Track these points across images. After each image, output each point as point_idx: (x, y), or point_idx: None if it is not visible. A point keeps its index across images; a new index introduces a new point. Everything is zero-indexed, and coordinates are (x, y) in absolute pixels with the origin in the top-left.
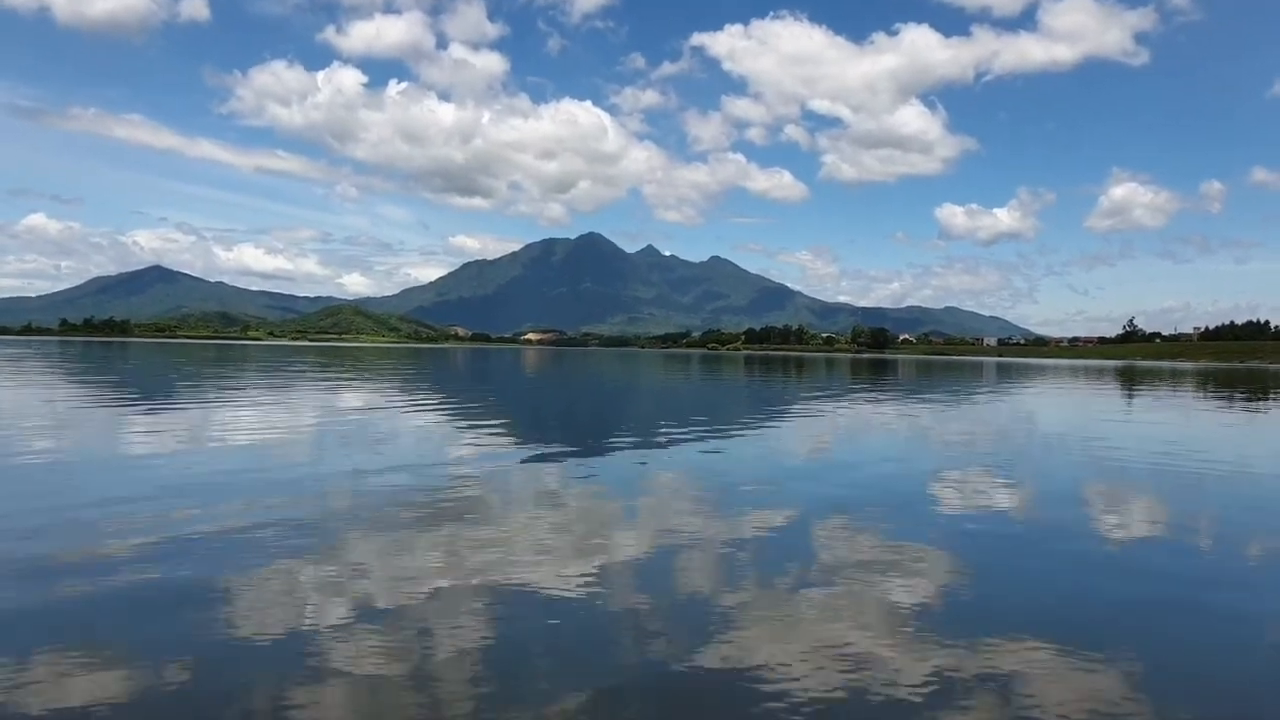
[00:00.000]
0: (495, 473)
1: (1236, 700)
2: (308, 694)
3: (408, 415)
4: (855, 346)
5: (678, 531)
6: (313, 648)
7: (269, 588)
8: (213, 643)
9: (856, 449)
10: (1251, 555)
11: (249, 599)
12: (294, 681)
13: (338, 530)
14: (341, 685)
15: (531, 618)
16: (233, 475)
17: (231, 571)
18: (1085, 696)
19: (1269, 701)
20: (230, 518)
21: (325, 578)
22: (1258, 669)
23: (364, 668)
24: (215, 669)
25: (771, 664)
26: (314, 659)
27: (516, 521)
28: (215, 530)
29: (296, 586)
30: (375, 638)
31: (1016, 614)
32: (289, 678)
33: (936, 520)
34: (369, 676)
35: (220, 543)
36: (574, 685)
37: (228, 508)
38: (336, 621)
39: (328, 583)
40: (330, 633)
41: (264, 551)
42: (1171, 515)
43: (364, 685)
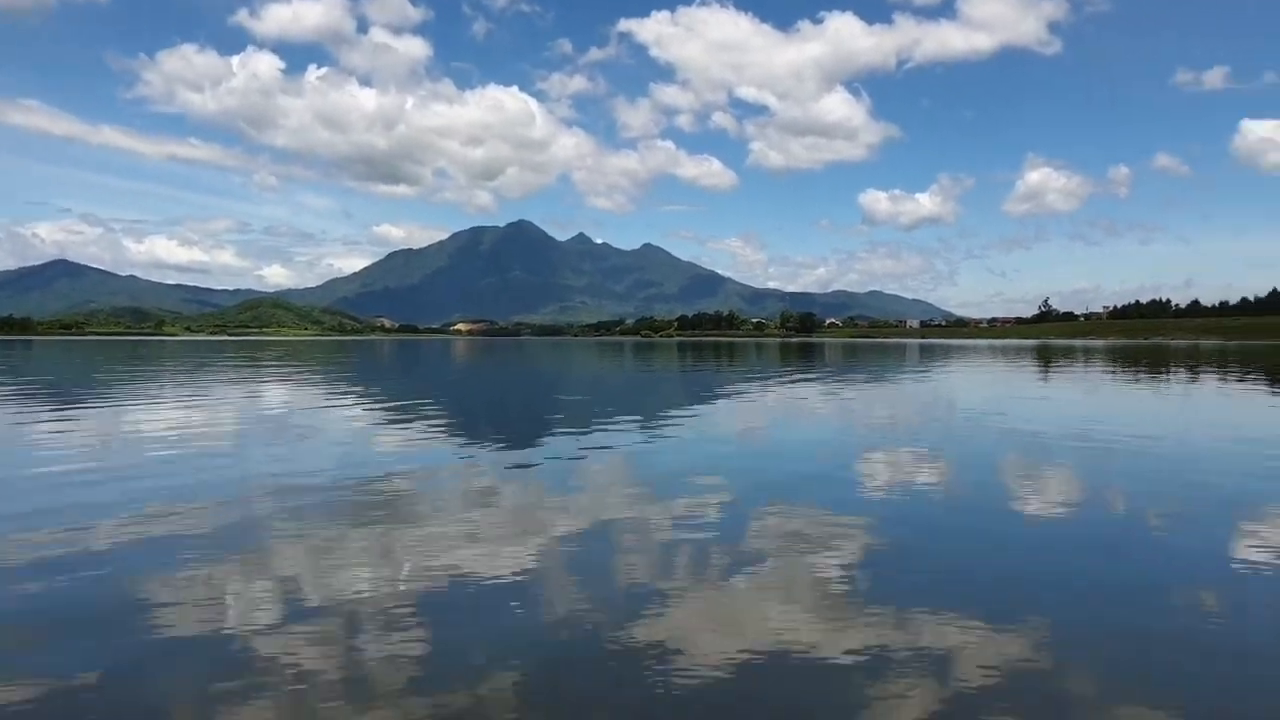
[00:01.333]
0: (427, 467)
1: (1150, 666)
2: (235, 700)
3: (333, 410)
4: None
5: (612, 519)
6: (239, 652)
7: (189, 593)
8: (130, 653)
9: (786, 431)
10: (1162, 525)
11: (169, 606)
12: (221, 689)
13: (261, 531)
14: (271, 688)
15: (465, 610)
16: (148, 478)
17: (149, 578)
18: (1010, 668)
19: (1186, 667)
20: (147, 522)
21: (249, 580)
22: (1171, 634)
23: (295, 669)
24: (134, 680)
25: (705, 644)
26: (241, 664)
27: (449, 515)
28: (131, 536)
29: (219, 591)
30: (305, 638)
31: (943, 589)
32: (215, 685)
33: (864, 499)
34: (300, 678)
35: (137, 549)
36: (509, 674)
37: (145, 512)
38: (263, 624)
39: (252, 585)
40: (258, 635)
41: (184, 556)
42: (1087, 488)
43: (295, 687)
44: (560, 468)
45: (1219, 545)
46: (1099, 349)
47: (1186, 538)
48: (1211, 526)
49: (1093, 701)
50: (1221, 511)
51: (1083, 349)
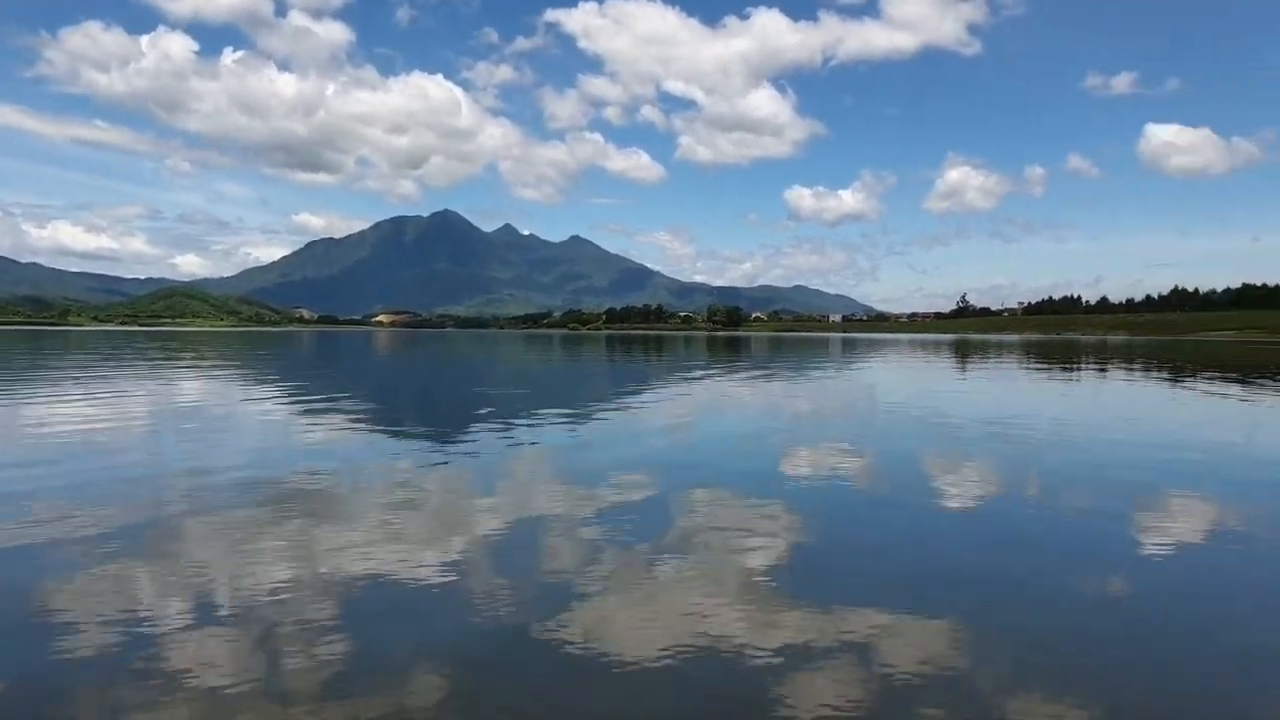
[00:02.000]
0: (345, 463)
1: (1062, 654)
2: (145, 707)
3: (249, 403)
4: (711, 325)
5: (538, 513)
6: (151, 656)
7: (93, 596)
8: (32, 660)
9: (713, 424)
10: (1074, 515)
11: (71, 610)
12: (129, 695)
13: (170, 531)
14: (182, 694)
15: (385, 609)
16: (53, 476)
17: (46, 582)
18: (929, 659)
19: (1101, 652)
20: (43, 524)
21: (157, 583)
22: (1087, 621)
23: (206, 673)
24: (36, 689)
25: (631, 637)
26: (150, 669)
27: (369, 512)
28: (25, 539)
29: (125, 593)
30: (218, 641)
31: (865, 579)
32: (122, 691)
33: (789, 490)
34: (212, 683)
35: (44, 550)
36: (430, 674)
37: (50, 512)
38: (177, 627)
39: (161, 588)
40: (167, 639)
41: (93, 557)
42: (1003, 479)
43: (207, 692)
44: (485, 462)
45: (1125, 535)
46: (1014, 343)
47: (1097, 527)
48: (1118, 516)
49: (1008, 688)
50: (1128, 501)
51: (998, 343)
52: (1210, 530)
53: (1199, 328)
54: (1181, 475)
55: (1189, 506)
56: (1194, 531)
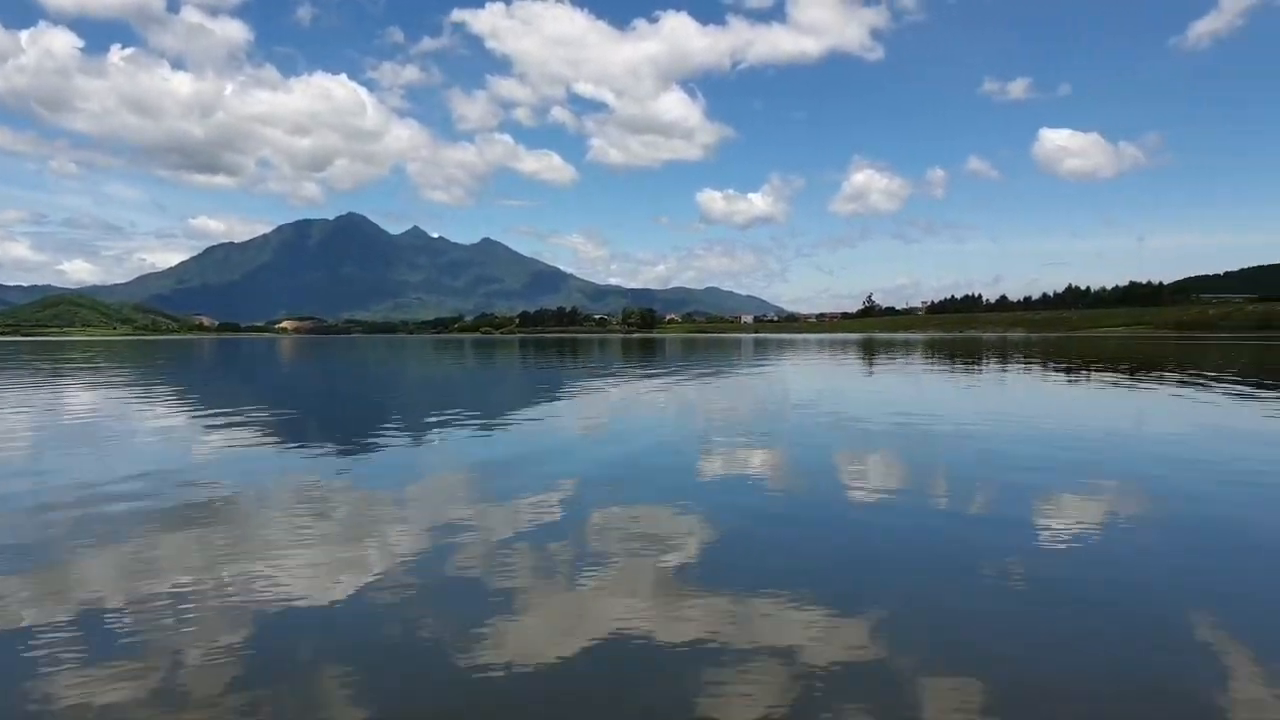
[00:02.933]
0: (249, 475)
1: (966, 644)
2: None
3: (144, 416)
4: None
5: (448, 521)
6: (42, 678)
7: None
8: None
9: (627, 426)
10: (978, 507)
11: None
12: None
13: (62, 549)
14: (75, 714)
15: (295, 627)
16: None
17: None
18: (845, 652)
19: (1013, 644)
20: None
21: (50, 604)
22: (996, 607)
23: (100, 699)
24: None
25: (547, 641)
26: (44, 691)
27: (275, 526)
28: None
29: (15, 616)
30: (112, 665)
31: (778, 575)
32: (12, 714)
33: (703, 490)
34: (108, 703)
35: None
36: (345, 693)
37: None
38: (67, 652)
39: (53, 609)
40: (60, 664)
41: None
42: (910, 473)
43: (102, 712)
44: (393, 471)
45: (1028, 522)
46: (918, 342)
47: (1000, 518)
48: (1021, 504)
49: (922, 675)
50: (1031, 490)
51: (904, 342)
52: (1105, 514)
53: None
54: (1078, 463)
55: (1086, 493)
56: (1090, 516)
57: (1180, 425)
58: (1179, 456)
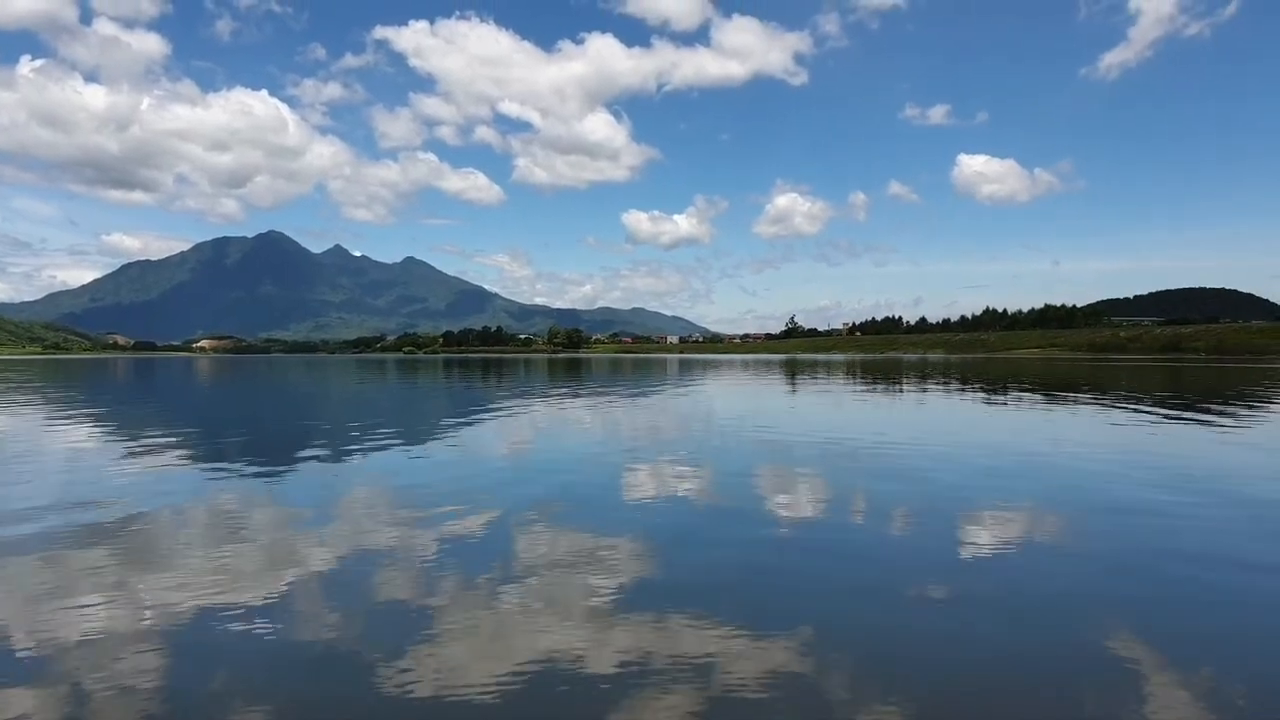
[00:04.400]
0: (162, 497)
1: (895, 660)
2: None
3: (51, 437)
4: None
5: (371, 544)
6: None
7: None
8: None
9: (551, 446)
10: (902, 524)
11: None
12: None
13: None
14: None
15: (208, 651)
16: None
17: None
18: (769, 671)
19: (929, 653)
20: None
21: None
22: (913, 626)
23: None
24: None
25: (472, 665)
26: None
27: (191, 550)
28: None
29: None
30: (29, 692)
31: (702, 595)
32: None
33: (628, 510)
34: None
35: None
36: (268, 717)
37: None
38: None
39: None
40: None
41: None
42: (836, 492)
43: None
44: (311, 494)
45: (949, 541)
46: (841, 363)
47: (922, 535)
48: (942, 524)
49: (843, 699)
50: (949, 509)
51: (826, 363)
52: (1024, 533)
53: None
54: (998, 484)
55: (1006, 513)
56: (1010, 535)
57: (1098, 442)
58: (1099, 472)
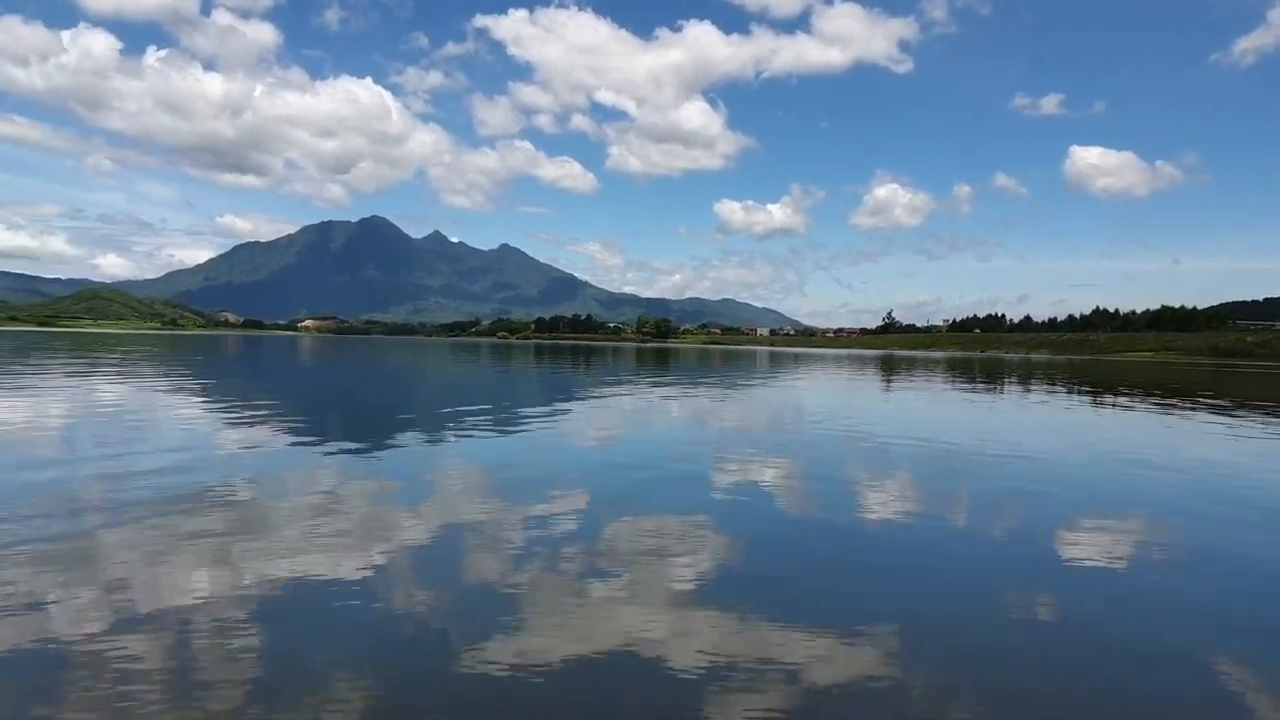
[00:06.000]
0: (272, 468)
1: (991, 667)
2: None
3: (170, 408)
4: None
5: (460, 524)
6: (65, 664)
7: (11, 600)
8: None
9: (638, 436)
10: (1001, 530)
11: None
12: (45, 704)
13: (90, 536)
14: (99, 702)
15: (309, 619)
16: None
17: None
18: (853, 672)
19: (1028, 664)
20: None
21: (76, 588)
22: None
23: (124, 682)
24: None
25: (557, 650)
26: (68, 676)
27: (296, 521)
28: None
29: (44, 599)
30: (137, 650)
31: (787, 592)
32: (37, 702)
33: (711, 503)
34: (129, 692)
35: None
36: (360, 686)
37: None
38: (92, 633)
39: (79, 593)
40: (85, 646)
41: (7, 562)
42: (930, 493)
43: (123, 703)
44: (412, 471)
45: (1046, 548)
46: (939, 360)
47: (1019, 539)
48: (1040, 529)
49: (935, 702)
50: (1052, 517)
51: (924, 360)
52: (1128, 548)
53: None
54: (1105, 492)
55: (1111, 525)
56: (1114, 550)
57: (1223, 457)
58: (1216, 491)
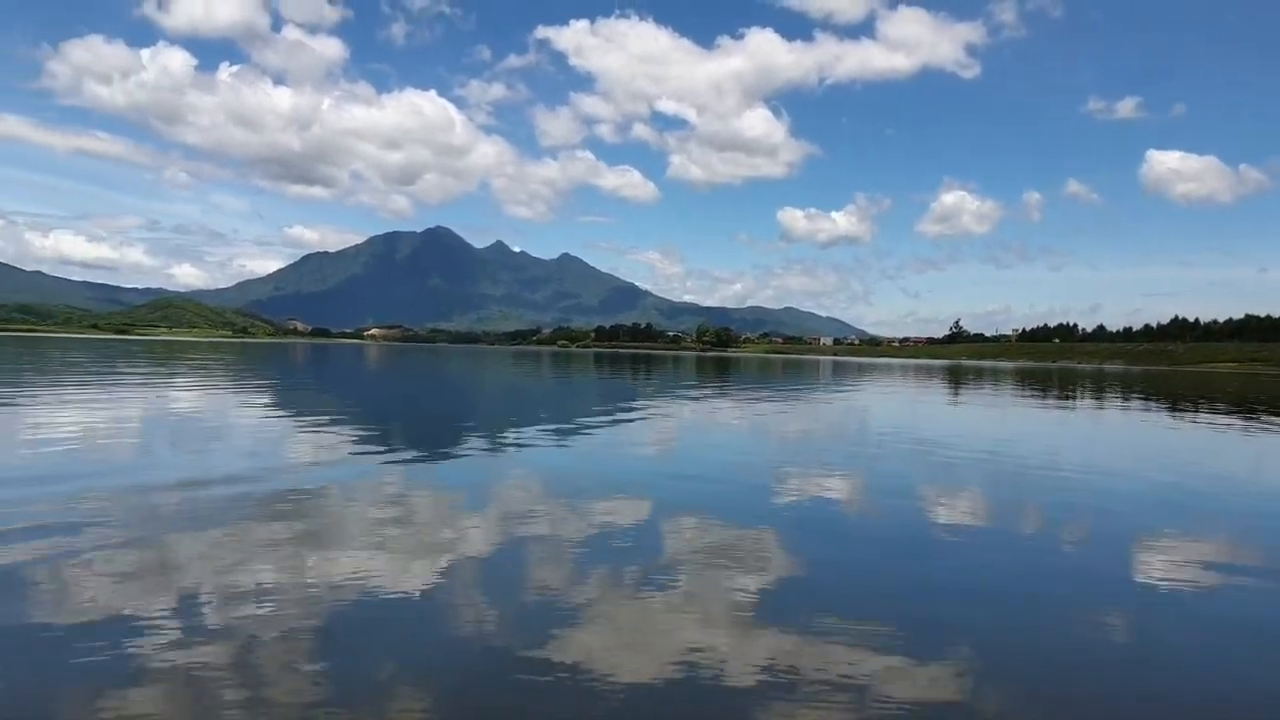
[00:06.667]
0: (338, 474)
1: (1067, 690)
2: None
3: (239, 414)
4: (701, 345)
5: (526, 532)
6: (137, 669)
7: (87, 604)
8: (22, 670)
9: (701, 445)
10: (1072, 546)
11: (63, 619)
12: (116, 707)
13: (163, 539)
14: (169, 707)
15: (372, 625)
16: (42, 482)
17: (43, 590)
18: (921, 693)
19: (1099, 684)
20: (43, 532)
21: (148, 594)
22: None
23: (194, 686)
24: (24, 698)
25: (618, 662)
26: (139, 680)
27: (360, 525)
28: (24, 547)
29: (117, 604)
30: (207, 651)
31: (853, 608)
32: (110, 703)
33: (777, 515)
34: (199, 696)
35: (31, 560)
36: (416, 693)
37: (41, 520)
38: (166, 637)
39: (151, 599)
40: (155, 651)
41: (81, 566)
42: (997, 507)
43: (197, 702)
44: (473, 480)
45: (1126, 568)
46: (1008, 370)
47: (1096, 559)
48: (1119, 549)
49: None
50: (1128, 534)
51: (992, 370)
52: (1214, 568)
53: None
54: (1183, 509)
55: (1191, 542)
56: (1198, 570)
57: None
58: None
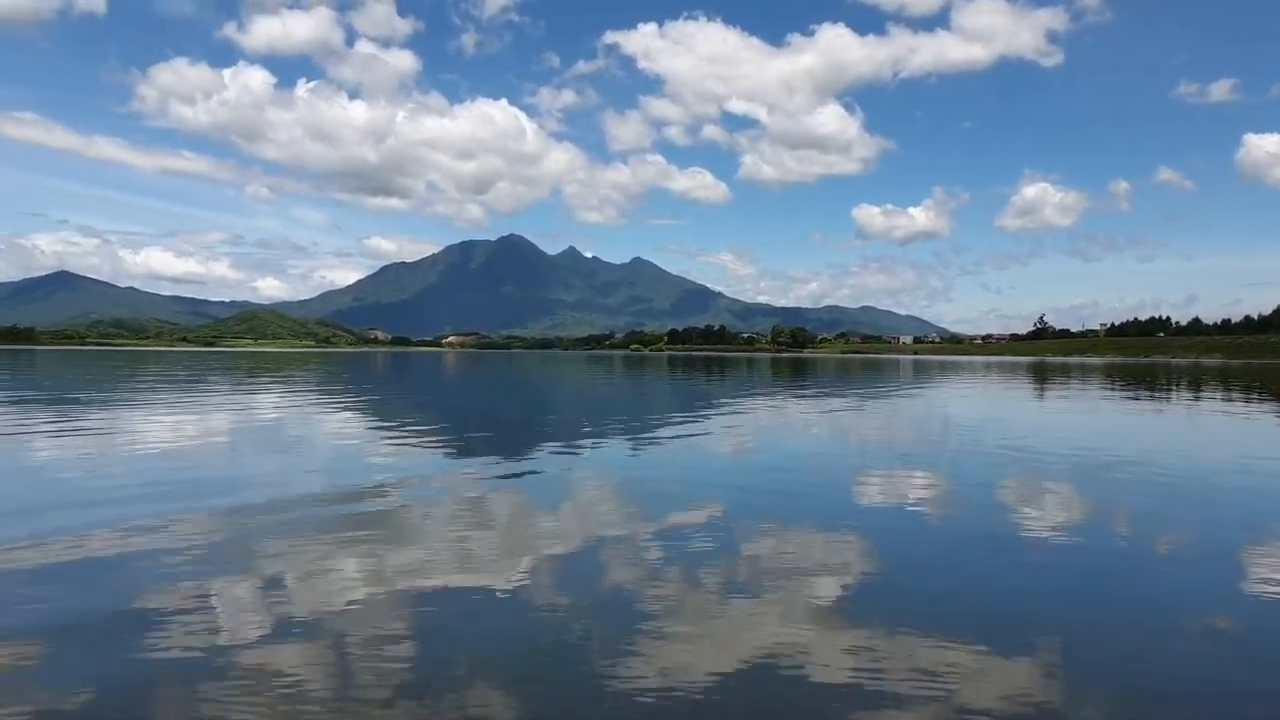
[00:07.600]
0: (418, 478)
1: (1158, 696)
2: (222, 713)
3: (326, 420)
4: (776, 346)
5: (604, 536)
6: (227, 669)
7: (178, 607)
8: (120, 670)
9: (779, 447)
10: (1167, 548)
11: (158, 621)
12: (209, 707)
13: (251, 545)
14: (257, 706)
15: (454, 630)
16: (142, 486)
17: (139, 592)
18: (1012, 691)
19: (1193, 691)
20: (138, 535)
21: (238, 595)
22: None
23: (281, 687)
24: (123, 697)
25: (698, 666)
26: (229, 680)
27: (441, 532)
28: (121, 549)
29: (208, 606)
30: (292, 655)
31: (942, 611)
32: (202, 703)
33: (861, 518)
34: (286, 696)
35: (127, 563)
36: (501, 696)
37: (136, 524)
38: (256, 636)
39: (240, 600)
40: (245, 651)
41: (172, 570)
42: (1089, 509)
43: (281, 706)
44: (552, 484)
45: (1226, 573)
46: (1097, 367)
47: (1191, 564)
48: (1218, 554)
49: None
50: (1229, 538)
51: (1080, 367)
52: None
53: None
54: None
55: None
56: None
57: None
58: None
